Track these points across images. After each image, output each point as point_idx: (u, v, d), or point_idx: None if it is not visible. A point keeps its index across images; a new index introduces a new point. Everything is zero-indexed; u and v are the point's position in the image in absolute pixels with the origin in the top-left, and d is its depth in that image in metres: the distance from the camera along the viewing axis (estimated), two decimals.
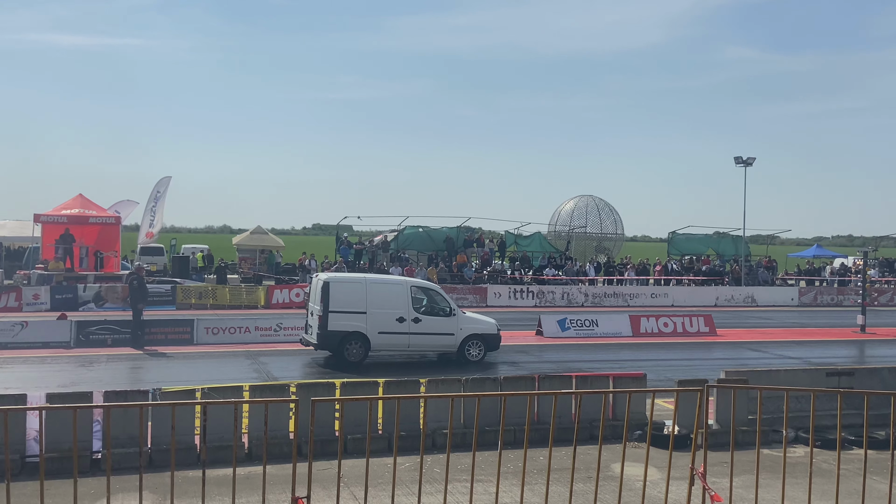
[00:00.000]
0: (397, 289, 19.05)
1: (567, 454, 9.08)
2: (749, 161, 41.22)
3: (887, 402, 9.17)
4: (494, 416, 10.62)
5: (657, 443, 10.40)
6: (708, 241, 46.73)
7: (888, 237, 54.72)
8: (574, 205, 48.66)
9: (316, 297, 18.66)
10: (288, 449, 9.85)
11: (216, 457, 9.60)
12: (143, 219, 39.50)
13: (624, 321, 25.51)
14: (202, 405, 8.92)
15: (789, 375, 12.97)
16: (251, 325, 21.85)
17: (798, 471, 9.41)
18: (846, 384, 12.52)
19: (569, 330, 24.50)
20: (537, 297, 35.79)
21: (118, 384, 14.90)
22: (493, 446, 9.66)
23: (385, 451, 10.26)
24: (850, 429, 10.95)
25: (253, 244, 43.03)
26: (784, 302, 39.48)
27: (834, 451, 8.99)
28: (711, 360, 20.80)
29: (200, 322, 21.64)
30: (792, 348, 23.52)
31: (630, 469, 9.08)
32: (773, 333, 27.25)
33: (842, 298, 40.36)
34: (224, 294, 30.83)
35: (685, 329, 25.70)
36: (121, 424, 9.53)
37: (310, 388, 10.80)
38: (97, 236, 33.69)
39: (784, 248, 62.90)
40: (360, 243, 40.49)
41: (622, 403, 11.67)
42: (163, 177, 39.35)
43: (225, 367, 18.16)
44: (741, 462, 9.16)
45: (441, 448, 10.21)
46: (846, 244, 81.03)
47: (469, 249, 40.68)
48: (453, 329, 18.94)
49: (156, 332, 20.92)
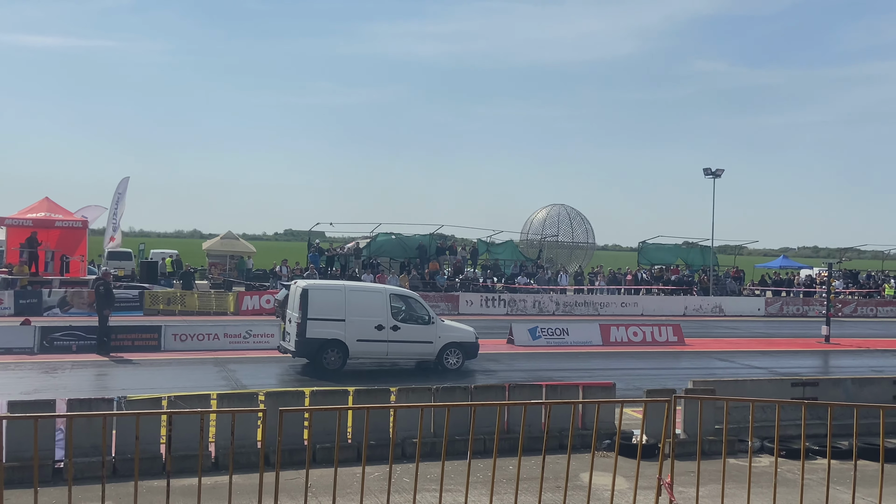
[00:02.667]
0: (376, 296, 18.98)
1: (537, 463, 9.11)
2: (717, 172, 41.79)
3: (850, 412, 9.33)
4: (465, 425, 10.60)
5: (626, 452, 10.45)
6: (677, 251, 47.28)
7: (852, 249, 55.75)
8: (546, 213, 48.93)
9: (294, 304, 18.52)
10: (255, 458, 9.75)
11: (182, 466, 9.47)
12: (108, 223, 38.95)
13: (594, 330, 25.67)
14: (168, 415, 8.80)
15: (755, 386, 13.14)
16: (220, 331, 21.62)
17: (763, 480, 9.52)
18: (811, 394, 12.72)
19: (540, 338, 24.59)
20: (509, 306, 35.90)
21: (83, 392, 14.67)
22: (464, 455, 9.66)
23: (354, 461, 10.20)
24: (814, 439, 11.11)
25: (223, 249, 42.65)
26: (751, 312, 40.03)
27: (798, 461, 9.12)
28: (680, 370, 21.00)
29: (168, 328, 21.36)
30: (758, 358, 23.82)
31: (599, 479, 9.13)
32: (740, 343, 27.59)
33: (807, 309, 41.02)
34: (193, 300, 30.49)
35: (654, 338, 25.91)
36: (84, 433, 9.35)
37: (278, 396, 10.71)
38: (63, 240, 33.15)
39: (751, 258, 63.74)
40: (330, 249, 40.30)
41: (591, 413, 11.72)
42: (122, 178, 38.70)
43: (193, 374, 17.95)
44: (708, 471, 9.25)
45: (411, 457, 10.19)
46: (812, 255, 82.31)
47: (441, 257, 40.71)
48: (432, 337, 18.93)
49: (122, 338, 20.60)
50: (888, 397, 13.18)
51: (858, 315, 41.43)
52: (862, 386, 13.55)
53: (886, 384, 13.71)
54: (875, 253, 57.02)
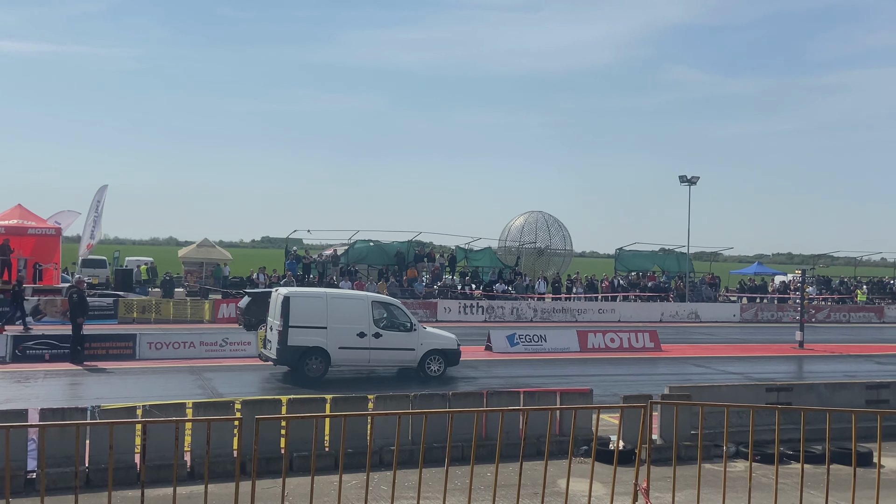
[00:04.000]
0: (358, 304, 18.91)
1: (514, 470, 9.12)
2: (693, 180, 42.17)
3: (824, 417, 9.44)
4: (443, 432, 10.58)
5: (603, 458, 10.49)
6: (654, 257, 47.63)
7: (825, 256, 56.61)
8: (524, 220, 49.03)
9: (276, 311, 18.40)
10: (232, 467, 9.67)
11: (157, 476, 9.37)
12: (84, 230, 38.51)
13: (572, 336, 25.76)
14: (142, 424, 8.71)
15: (731, 391, 13.25)
16: (196, 339, 21.44)
17: (738, 485, 9.60)
18: (785, 400, 12.85)
19: (518, 345, 24.64)
20: (487, 312, 35.95)
21: (56, 401, 14.47)
22: (442, 463, 9.64)
23: (331, 469, 10.15)
24: (788, 443, 11.22)
25: (199, 257, 42.27)
26: (726, 318, 40.42)
27: (773, 466, 9.21)
28: (656, 376, 21.14)
29: (143, 337, 21.14)
30: (734, 364, 24.05)
31: (575, 485, 9.16)
32: (716, 349, 27.84)
33: (781, 315, 41.52)
34: (168, 308, 30.22)
35: (631, 344, 26.07)
36: (57, 443, 9.22)
37: (255, 405, 10.64)
38: (36, 248, 32.68)
39: (726, 265, 64.44)
40: (307, 257, 40.13)
41: (569, 419, 11.76)
42: (101, 185, 38.53)
43: (168, 383, 17.77)
44: (684, 477, 9.32)
45: (389, 465, 10.16)
46: (786, 262, 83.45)
47: (420, 264, 40.69)
48: (414, 344, 18.91)
49: (96, 346, 20.36)
50: (861, 402, 13.35)
51: (831, 321, 41.97)
52: (835, 391, 13.72)
53: (859, 389, 13.88)
54: (847, 259, 57.89)
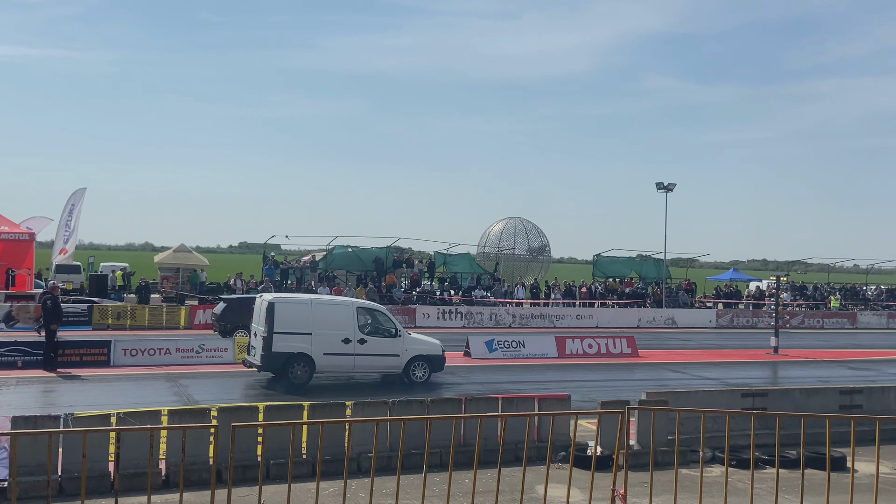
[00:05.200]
0: (343, 309, 18.83)
1: (493, 476, 9.11)
2: (670, 187, 42.52)
3: (798, 422, 9.55)
4: (421, 438, 10.56)
5: (581, 464, 10.52)
6: (631, 263, 47.94)
7: (800, 262, 57.25)
8: (503, 226, 49.17)
9: (260, 318, 18.28)
10: (207, 475, 9.57)
11: (131, 484, 9.26)
12: (57, 234, 38.03)
13: (550, 342, 25.85)
14: (116, 431, 8.60)
15: (707, 396, 13.34)
16: (172, 346, 21.22)
17: (715, 490, 9.66)
18: (760, 405, 12.97)
19: (496, 351, 24.67)
20: (466, 318, 35.97)
21: (28, 409, 14.26)
22: (420, 469, 9.62)
23: (309, 476, 10.09)
24: (763, 448, 11.32)
25: (176, 262, 41.94)
26: (702, 324, 40.77)
27: (748, 471, 9.29)
28: (634, 381, 21.25)
29: (118, 343, 20.90)
30: (710, 369, 24.23)
31: (554, 491, 9.17)
32: (692, 355, 28.03)
33: (756, 321, 41.96)
34: (143, 314, 29.90)
35: (609, 350, 26.20)
36: (30, 451, 9.08)
37: (231, 412, 10.55)
38: (9, 253, 32.26)
39: (703, 271, 64.96)
40: (285, 262, 39.93)
41: (547, 425, 11.78)
42: (77, 189, 37.89)
43: (143, 390, 17.57)
44: (661, 482, 9.37)
45: (367, 472, 10.11)
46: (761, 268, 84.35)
47: (398, 270, 40.64)
48: (398, 350, 18.87)
49: (70, 353, 20.07)
50: (834, 407, 13.51)
51: (806, 326, 42.48)
52: (809, 396, 13.88)
53: (832, 394, 14.05)
54: (821, 266, 58.64)
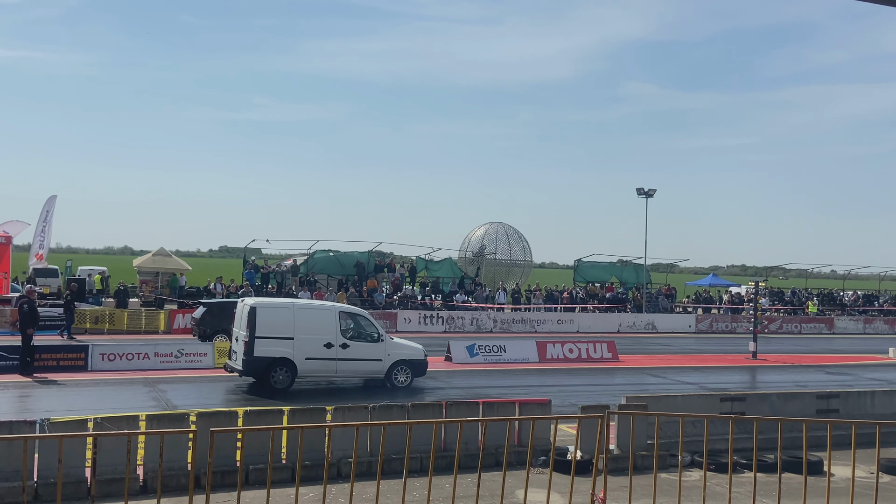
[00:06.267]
0: (325, 314, 18.74)
1: (473, 481, 9.12)
2: (650, 192, 42.80)
3: (776, 426, 9.63)
4: (401, 443, 10.54)
5: (561, 468, 10.55)
6: (612, 269, 48.15)
7: (778, 268, 57.81)
8: (484, 231, 49.22)
9: (242, 322, 18.16)
10: (186, 481, 9.48)
11: (108, 490, 9.16)
12: (34, 238, 37.68)
13: (531, 347, 25.89)
14: (93, 437, 8.51)
15: (686, 401, 13.42)
16: (150, 350, 21.02)
17: (693, 494, 9.72)
18: (738, 409, 13.06)
19: (477, 356, 24.68)
20: (447, 323, 35.95)
21: (4, 414, 14.06)
22: (400, 474, 9.60)
23: (288, 482, 10.03)
24: (741, 452, 11.40)
25: (155, 266, 41.51)
26: (682, 329, 41.04)
27: (727, 475, 9.35)
28: (614, 386, 21.34)
29: (95, 348, 20.67)
30: (689, 374, 24.39)
31: (534, 495, 9.19)
32: (672, 359, 28.21)
33: (735, 326, 42.31)
34: (122, 318, 29.62)
35: (589, 355, 26.30)
36: (5, 457, 8.97)
37: (210, 417, 10.47)
38: None
39: (682, 276, 65.32)
40: (265, 266, 39.72)
41: (527, 430, 11.80)
42: (50, 195, 37.95)
43: (121, 395, 17.40)
44: (640, 486, 9.40)
45: (347, 477, 10.07)
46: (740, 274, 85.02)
47: (380, 274, 40.55)
48: (381, 355, 18.82)
49: (47, 358, 19.84)
50: (811, 411, 13.64)
51: (784, 331, 42.90)
52: (787, 400, 14.00)
53: (809, 399, 14.18)
54: (799, 271, 59.27)
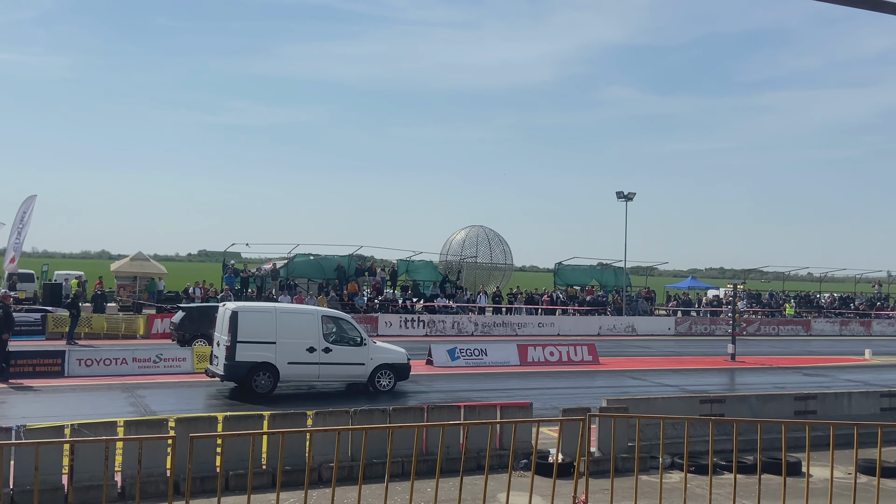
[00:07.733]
0: (307, 318, 18.66)
1: (455, 485, 9.10)
2: (630, 196, 43.01)
3: (755, 428, 9.71)
4: (383, 447, 10.52)
5: (542, 471, 10.56)
6: (592, 272, 48.39)
7: (756, 270, 58.31)
8: (465, 235, 49.28)
9: (223, 326, 18.03)
10: (165, 487, 9.40)
11: (86, 498, 9.05)
12: (9, 242, 37.13)
13: (512, 350, 25.93)
14: (70, 443, 8.40)
15: (666, 403, 13.50)
16: (128, 356, 20.81)
17: (674, 496, 9.77)
18: (718, 411, 13.16)
19: (458, 359, 24.68)
20: (428, 327, 35.92)
21: None
22: (382, 479, 9.57)
23: (269, 487, 9.97)
24: (721, 454, 11.48)
25: (133, 271, 41.17)
26: (661, 331, 41.29)
27: (707, 477, 9.42)
28: (595, 388, 21.40)
29: (72, 353, 20.46)
30: (669, 376, 24.54)
31: (515, 498, 9.19)
32: (652, 362, 28.38)
33: (714, 328, 42.64)
34: (99, 323, 29.29)
35: (570, 358, 26.39)
36: None
37: (189, 423, 10.37)
38: None
39: (662, 279, 65.78)
40: (245, 271, 39.47)
41: (509, 433, 11.81)
42: (28, 196, 37.13)
43: (99, 401, 17.20)
44: (622, 489, 9.45)
45: (328, 482, 10.01)
46: (718, 276, 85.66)
47: (360, 278, 40.43)
48: (364, 359, 18.77)
49: (22, 363, 19.58)
50: (790, 413, 13.76)
51: (761, 333, 43.28)
52: (765, 402, 14.12)
53: (788, 400, 14.32)
54: (777, 274, 59.84)
